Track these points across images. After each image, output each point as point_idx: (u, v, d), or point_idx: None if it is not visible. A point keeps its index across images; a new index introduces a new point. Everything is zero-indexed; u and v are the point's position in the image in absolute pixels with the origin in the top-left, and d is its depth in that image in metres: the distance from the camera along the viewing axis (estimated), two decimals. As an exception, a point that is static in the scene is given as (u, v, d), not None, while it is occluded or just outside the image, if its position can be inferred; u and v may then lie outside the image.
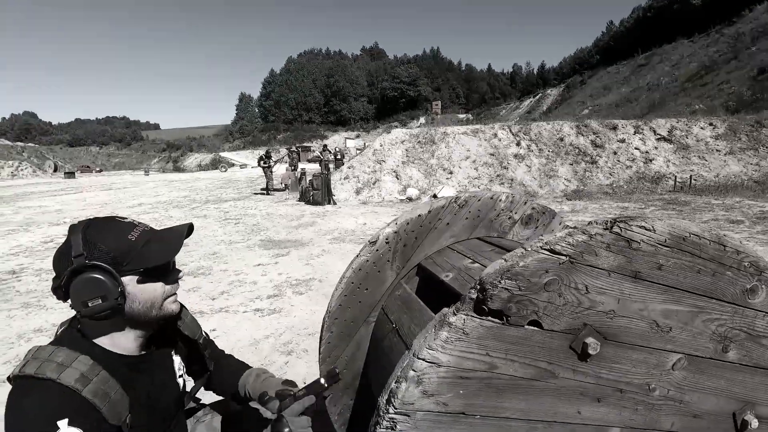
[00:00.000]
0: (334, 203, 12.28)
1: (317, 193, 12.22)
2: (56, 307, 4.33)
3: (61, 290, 0.88)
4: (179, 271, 1.01)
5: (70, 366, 0.83)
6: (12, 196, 18.24)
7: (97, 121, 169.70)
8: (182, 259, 6.11)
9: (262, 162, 15.87)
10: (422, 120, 69.44)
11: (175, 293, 1.01)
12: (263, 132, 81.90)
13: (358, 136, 63.90)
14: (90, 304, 0.86)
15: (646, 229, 0.91)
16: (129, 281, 0.91)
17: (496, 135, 14.49)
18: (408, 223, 1.57)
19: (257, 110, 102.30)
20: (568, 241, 0.86)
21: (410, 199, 12.63)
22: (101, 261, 0.87)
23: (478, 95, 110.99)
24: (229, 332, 3.48)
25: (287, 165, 17.00)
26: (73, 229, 0.90)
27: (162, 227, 1.03)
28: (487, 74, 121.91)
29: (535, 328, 0.88)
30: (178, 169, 53.37)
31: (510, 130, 14.63)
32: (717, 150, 13.41)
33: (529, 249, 0.88)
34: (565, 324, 0.89)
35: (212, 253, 6.38)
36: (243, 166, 45.84)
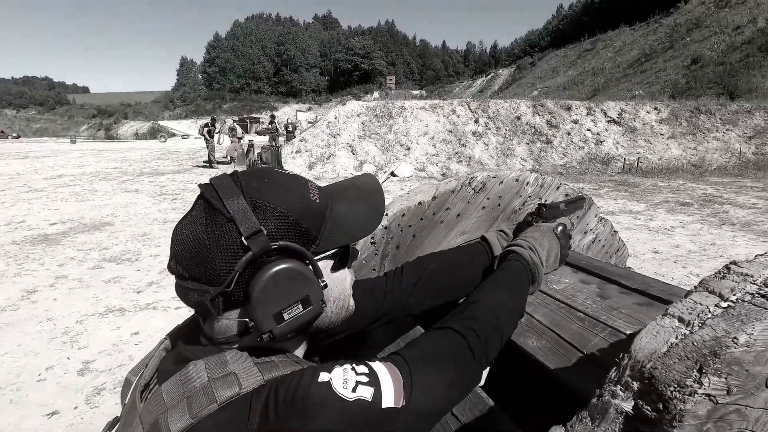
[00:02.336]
0: (285, 178, 11.48)
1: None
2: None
3: (219, 301, 0.50)
4: (356, 250, 0.66)
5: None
6: None
7: (14, 80, 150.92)
8: (105, 242, 5.25)
9: (205, 131, 14.56)
10: (376, 94, 68.28)
11: None
12: (207, 100, 76.81)
13: (309, 109, 61.62)
14: (287, 316, 0.52)
15: None
16: (322, 269, 0.56)
17: (454, 111, 14.17)
18: (404, 215, 1.08)
19: (200, 77, 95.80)
20: (820, 284, 0.41)
21: (366, 176, 12.10)
22: (291, 239, 0.52)
23: (432, 72, 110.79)
24: (156, 336, 2.86)
25: (230, 137, 15.76)
26: (218, 188, 0.52)
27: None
28: (442, 51, 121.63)
29: (732, 461, 0.44)
30: (111, 138, 48.82)
31: (468, 107, 14.36)
32: (661, 134, 13.96)
33: (737, 299, 0.42)
34: (777, 444, 0.46)
35: (142, 234, 5.54)
36: (185, 136, 42.68)
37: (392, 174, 12.01)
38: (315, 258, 0.54)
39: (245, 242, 0.49)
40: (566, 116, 14.19)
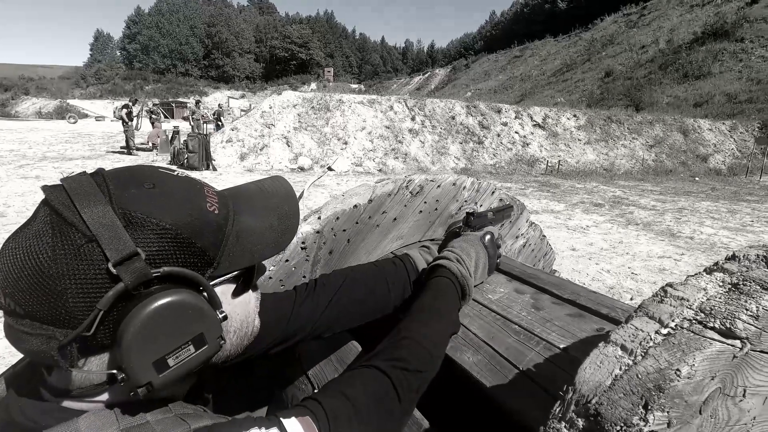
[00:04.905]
0: (214, 169, 10.85)
1: (193, 156, 10.63)
2: None
3: (72, 348, 0.38)
4: (263, 265, 0.55)
5: None
6: None
7: None
8: (-6, 236, 4.57)
9: (123, 113, 13.29)
10: (314, 86, 66.92)
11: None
12: (127, 80, 70.21)
13: (243, 96, 58.83)
14: (173, 362, 0.41)
15: None
16: (221, 296, 0.46)
17: (392, 108, 14.27)
18: (338, 218, 1.02)
19: (119, 53, 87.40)
20: (751, 311, 0.41)
21: (302, 169, 11.79)
22: (180, 263, 0.42)
23: (371, 67, 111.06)
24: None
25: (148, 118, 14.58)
26: (72, 193, 0.39)
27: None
28: (381, 47, 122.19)
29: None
30: (7, 115, 42.86)
31: (406, 104, 14.54)
32: (578, 139, 15.18)
33: (676, 326, 0.41)
34: (703, 463, 0.46)
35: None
36: (100, 118, 38.67)
37: (329, 168, 11.83)
38: (212, 283, 0.44)
39: (113, 270, 0.37)
40: (497, 118, 14.90)
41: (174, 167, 0.51)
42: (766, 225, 7.07)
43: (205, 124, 13.58)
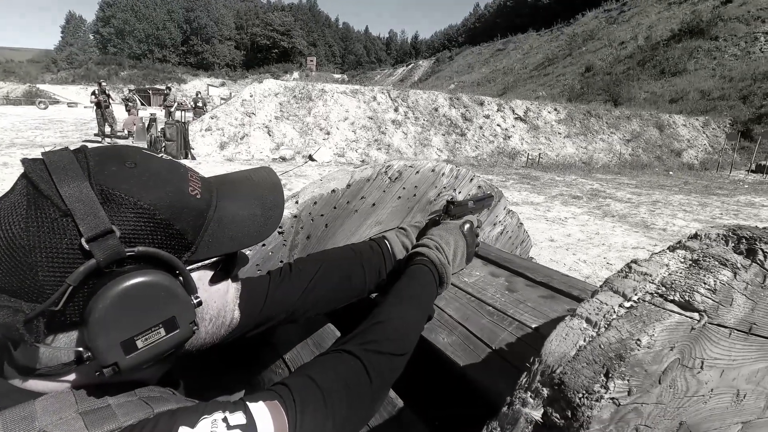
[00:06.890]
0: (193, 158, 10.62)
1: (171, 144, 10.37)
2: None
3: (39, 323, 0.38)
4: (245, 255, 0.55)
5: None
6: None
7: None
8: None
9: (95, 99, 12.84)
10: (296, 75, 65.93)
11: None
12: (101, 65, 67.72)
13: (223, 84, 57.56)
14: (142, 344, 0.40)
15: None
16: (198, 282, 0.46)
17: (375, 98, 14.19)
18: (315, 203, 1.01)
19: (92, 37, 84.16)
20: (708, 284, 0.42)
21: (284, 159, 11.65)
22: (156, 243, 0.42)
23: (354, 57, 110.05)
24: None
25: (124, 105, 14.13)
26: (51, 167, 0.40)
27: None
28: (364, 36, 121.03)
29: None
30: (-29, 100, 40.85)
31: (389, 95, 14.48)
32: (559, 133, 15.41)
33: (639, 299, 0.42)
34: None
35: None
36: (73, 104, 37.32)
37: (310, 158, 11.73)
38: (189, 268, 0.44)
39: (86, 246, 0.37)
40: (479, 111, 14.98)
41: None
42: (735, 217, 7.35)
43: (183, 112, 13.23)
